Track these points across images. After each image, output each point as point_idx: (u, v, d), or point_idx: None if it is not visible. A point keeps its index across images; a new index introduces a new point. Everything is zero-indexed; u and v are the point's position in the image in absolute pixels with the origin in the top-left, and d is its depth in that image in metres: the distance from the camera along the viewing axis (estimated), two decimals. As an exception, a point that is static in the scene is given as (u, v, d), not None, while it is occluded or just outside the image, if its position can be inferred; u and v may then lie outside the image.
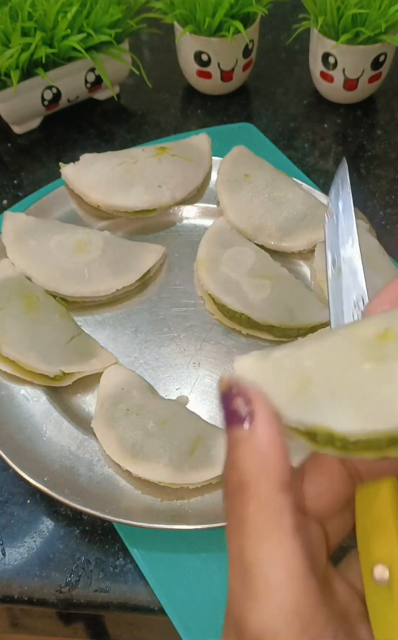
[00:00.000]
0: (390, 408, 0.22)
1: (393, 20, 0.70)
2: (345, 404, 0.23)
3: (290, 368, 0.24)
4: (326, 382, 0.24)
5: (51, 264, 0.60)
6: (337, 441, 0.23)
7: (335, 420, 0.23)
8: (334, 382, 0.23)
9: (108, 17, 0.72)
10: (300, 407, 0.24)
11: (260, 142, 0.75)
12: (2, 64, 0.68)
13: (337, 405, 0.23)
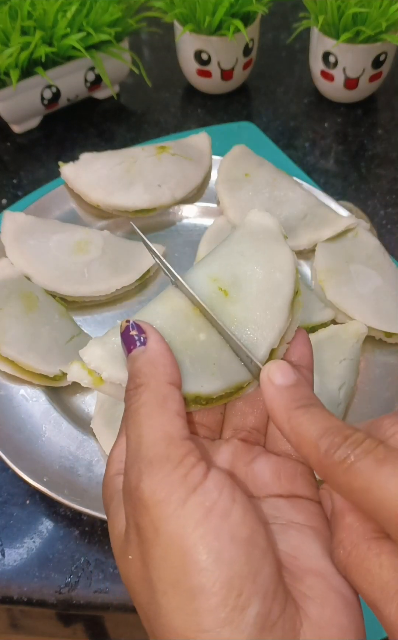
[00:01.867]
0: (231, 367, 0.30)
1: (393, 19, 0.70)
2: (204, 371, 0.30)
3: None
4: (181, 357, 0.30)
5: (50, 264, 0.60)
6: (203, 400, 0.30)
7: (201, 385, 0.30)
8: (184, 355, 0.30)
9: (108, 16, 0.72)
10: None
11: (260, 141, 0.75)
12: (1, 62, 0.68)
13: (198, 373, 0.30)
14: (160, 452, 0.26)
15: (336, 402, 0.52)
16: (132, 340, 0.29)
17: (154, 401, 0.27)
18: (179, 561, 0.24)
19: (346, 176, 0.75)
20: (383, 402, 0.53)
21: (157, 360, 0.28)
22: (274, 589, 0.24)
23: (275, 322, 0.31)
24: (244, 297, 0.31)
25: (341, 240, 0.62)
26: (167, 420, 0.27)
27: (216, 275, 0.32)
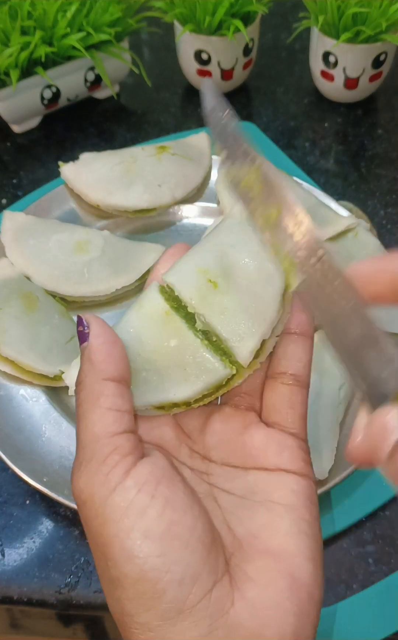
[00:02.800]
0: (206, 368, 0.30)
1: (393, 19, 0.70)
2: (174, 379, 0.30)
3: None
4: (150, 366, 0.30)
5: (50, 264, 0.60)
6: (182, 405, 0.30)
7: (173, 394, 0.30)
8: (155, 365, 0.30)
9: (108, 16, 0.72)
10: (140, 393, 0.30)
11: (260, 141, 0.75)
12: (1, 62, 0.68)
13: (168, 382, 0.30)
14: (88, 452, 0.27)
15: (336, 402, 0.52)
16: (82, 336, 0.29)
17: (88, 399, 0.28)
18: (101, 555, 0.26)
19: (346, 176, 0.75)
20: (383, 402, 0.53)
21: (93, 357, 0.29)
22: (193, 575, 0.26)
23: (266, 312, 0.30)
24: (235, 288, 0.31)
25: (341, 240, 0.62)
26: (96, 418, 0.28)
27: (205, 267, 0.31)
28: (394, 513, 0.52)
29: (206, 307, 0.30)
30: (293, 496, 0.29)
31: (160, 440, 0.31)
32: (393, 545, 0.51)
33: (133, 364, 0.30)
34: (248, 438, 0.31)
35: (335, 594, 0.49)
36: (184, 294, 0.31)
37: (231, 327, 0.30)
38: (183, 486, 0.28)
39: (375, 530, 0.51)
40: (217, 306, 0.30)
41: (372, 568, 0.50)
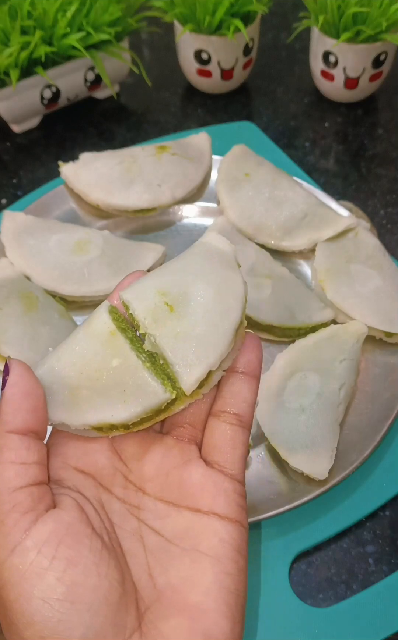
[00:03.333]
0: (145, 391, 0.29)
1: (393, 19, 0.70)
2: (114, 400, 0.29)
3: (57, 382, 0.30)
4: (91, 385, 0.29)
5: (50, 264, 0.59)
6: (119, 427, 0.29)
7: (111, 415, 0.29)
8: (96, 384, 0.29)
9: (108, 16, 0.72)
10: (79, 412, 0.29)
11: (261, 141, 0.75)
12: (1, 62, 0.68)
13: (108, 402, 0.29)
14: None
15: (337, 402, 0.52)
16: (3, 382, 0.28)
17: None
18: (4, 619, 0.26)
19: (346, 176, 0.75)
20: (383, 402, 0.53)
21: (4, 409, 0.28)
22: (98, 636, 0.25)
23: (218, 344, 0.30)
24: (190, 314, 0.30)
25: (341, 240, 0.62)
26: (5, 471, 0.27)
27: (165, 290, 0.31)
28: (394, 513, 0.52)
29: (159, 328, 0.29)
30: (221, 547, 0.29)
31: (94, 467, 0.30)
32: (393, 546, 0.51)
33: (76, 381, 0.30)
34: (186, 474, 0.31)
35: (335, 594, 0.49)
36: (138, 313, 0.30)
37: (180, 352, 0.29)
38: (89, 542, 0.27)
39: (375, 530, 0.51)
40: (170, 329, 0.29)
41: (372, 568, 0.50)
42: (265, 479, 0.51)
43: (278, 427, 0.52)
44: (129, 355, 0.29)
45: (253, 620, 0.47)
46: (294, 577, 0.49)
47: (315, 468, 0.49)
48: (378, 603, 0.47)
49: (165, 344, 0.29)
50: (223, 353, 0.30)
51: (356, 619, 0.47)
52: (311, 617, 0.47)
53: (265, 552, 0.49)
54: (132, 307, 0.30)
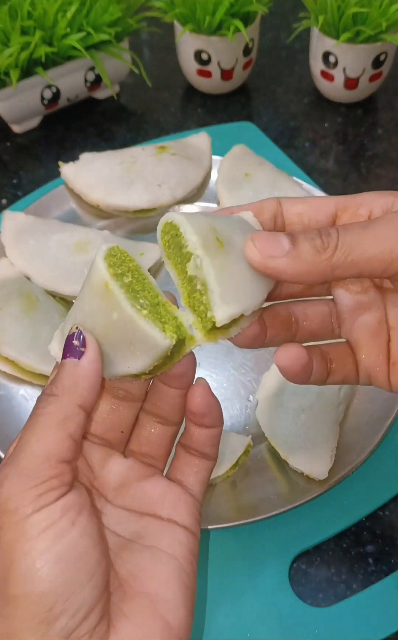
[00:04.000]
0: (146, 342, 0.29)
1: (393, 19, 0.70)
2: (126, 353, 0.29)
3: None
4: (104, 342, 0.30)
5: (50, 264, 0.60)
6: (141, 375, 0.30)
7: (128, 367, 0.30)
8: (107, 340, 0.30)
9: (108, 16, 0.72)
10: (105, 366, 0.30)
11: (260, 141, 0.75)
12: (1, 62, 0.68)
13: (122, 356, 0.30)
14: (32, 466, 0.27)
15: (336, 402, 0.52)
16: (71, 349, 0.29)
17: (57, 416, 0.28)
18: (4, 569, 0.26)
19: (346, 176, 0.75)
20: (383, 402, 0.53)
21: (79, 381, 0.29)
22: (89, 608, 0.26)
23: (257, 295, 0.30)
24: (237, 258, 0.30)
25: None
26: (57, 439, 0.28)
27: (216, 227, 0.30)
28: (394, 513, 0.52)
29: (208, 255, 0.29)
30: (179, 547, 0.31)
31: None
32: (393, 545, 0.51)
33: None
34: (148, 486, 0.32)
35: (335, 594, 0.49)
36: (189, 235, 0.29)
37: (224, 284, 0.29)
38: (98, 522, 0.29)
39: (375, 530, 0.51)
40: (218, 261, 0.29)
41: (372, 568, 0.50)
42: (265, 479, 0.51)
43: (278, 427, 0.52)
44: (125, 307, 0.28)
45: (252, 620, 0.47)
46: (294, 576, 0.49)
47: (314, 468, 0.49)
48: (378, 603, 0.47)
49: (211, 271, 0.29)
50: (257, 305, 0.30)
51: (356, 619, 0.47)
52: (311, 617, 0.47)
53: (264, 552, 0.49)
54: (184, 228, 0.29)
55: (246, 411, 0.55)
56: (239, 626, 0.47)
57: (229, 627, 0.47)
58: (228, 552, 0.49)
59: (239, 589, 0.48)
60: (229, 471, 0.50)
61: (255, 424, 0.54)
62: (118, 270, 0.29)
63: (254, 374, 0.57)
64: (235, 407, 0.56)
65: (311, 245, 0.28)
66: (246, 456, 0.51)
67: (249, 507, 0.49)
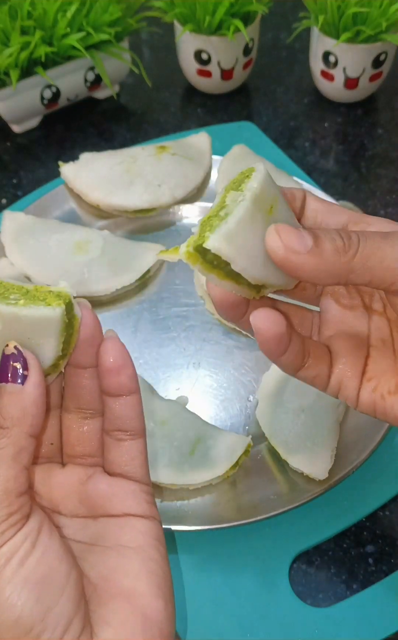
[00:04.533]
0: (42, 322, 0.28)
1: (393, 19, 0.70)
2: (34, 350, 0.28)
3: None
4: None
5: (50, 264, 0.60)
6: (59, 362, 0.30)
7: (45, 361, 0.29)
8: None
9: (108, 16, 0.72)
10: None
11: (260, 141, 0.75)
12: (1, 62, 0.68)
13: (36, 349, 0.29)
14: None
15: (337, 402, 0.52)
16: (12, 372, 0.28)
17: (10, 451, 0.28)
18: None
19: (346, 176, 0.75)
20: (383, 402, 0.53)
21: (27, 409, 0.28)
22: (68, 620, 0.27)
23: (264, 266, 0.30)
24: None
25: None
26: (12, 475, 0.28)
27: (279, 202, 0.31)
28: (394, 513, 0.52)
29: (253, 203, 0.30)
30: (141, 537, 0.30)
31: None
32: (393, 545, 0.51)
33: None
34: (91, 487, 0.32)
35: (335, 594, 0.49)
36: (255, 180, 0.31)
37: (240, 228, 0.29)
38: (58, 536, 0.29)
39: (375, 530, 0.51)
40: (256, 214, 0.30)
41: (372, 568, 0.50)
42: (265, 479, 0.51)
43: (277, 427, 0.52)
44: (1, 309, 0.28)
45: (252, 620, 0.47)
46: (294, 577, 0.49)
47: (314, 468, 0.49)
48: (378, 603, 0.47)
49: (242, 212, 0.29)
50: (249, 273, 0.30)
51: (356, 619, 0.47)
52: (311, 617, 0.47)
53: (264, 552, 0.49)
54: (257, 176, 0.31)
55: (246, 411, 0.55)
56: (239, 626, 0.47)
57: (229, 627, 0.47)
58: (228, 552, 0.49)
59: (239, 588, 0.48)
60: (229, 471, 0.50)
61: (254, 424, 0.54)
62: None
63: (254, 374, 0.57)
64: (235, 407, 0.56)
65: (333, 246, 0.29)
66: (246, 456, 0.51)
67: (249, 507, 0.49)
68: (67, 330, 0.29)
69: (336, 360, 0.33)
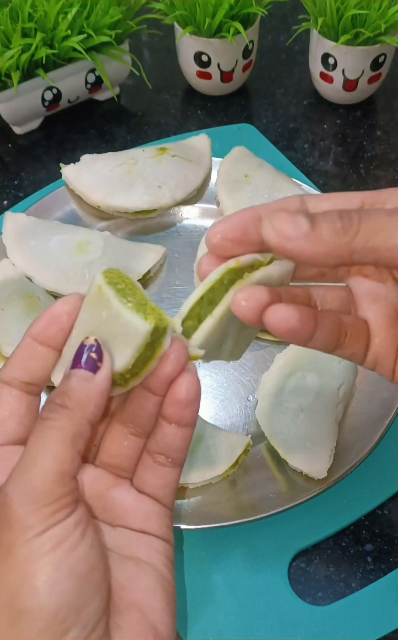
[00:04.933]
0: (127, 331, 0.29)
1: (392, 21, 0.70)
2: (113, 349, 0.29)
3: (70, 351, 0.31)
4: (102, 338, 0.30)
5: (51, 265, 0.60)
6: (126, 374, 0.30)
7: (115, 365, 0.29)
8: (104, 336, 0.30)
9: (108, 18, 0.72)
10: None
11: (260, 143, 0.75)
12: (2, 64, 0.68)
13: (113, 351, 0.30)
14: (46, 484, 0.27)
15: (335, 402, 0.53)
16: (87, 361, 0.29)
17: (70, 432, 0.28)
18: (17, 583, 0.26)
19: (345, 178, 0.75)
20: (382, 402, 0.54)
21: (93, 397, 0.28)
22: (97, 620, 0.27)
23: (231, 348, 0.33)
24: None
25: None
26: (68, 457, 0.28)
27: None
28: (393, 512, 0.52)
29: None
30: (156, 556, 0.31)
31: None
32: (391, 544, 0.51)
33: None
34: (118, 497, 0.32)
35: (334, 592, 0.49)
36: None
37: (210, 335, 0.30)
38: (100, 534, 0.29)
39: (374, 529, 0.51)
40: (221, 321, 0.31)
41: (371, 567, 0.50)
42: (264, 478, 0.51)
43: (277, 427, 0.52)
44: (112, 302, 0.29)
45: (252, 619, 0.47)
46: (293, 575, 0.50)
47: (313, 467, 0.50)
48: (377, 601, 0.48)
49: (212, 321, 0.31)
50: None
51: (355, 617, 0.47)
52: (310, 616, 0.47)
53: (263, 551, 0.50)
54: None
55: (246, 411, 0.56)
56: (238, 625, 0.47)
57: (228, 625, 0.47)
58: (227, 551, 0.50)
59: (238, 587, 0.48)
60: (228, 470, 0.51)
61: (254, 424, 0.54)
62: (113, 280, 0.30)
63: (254, 374, 0.57)
64: (235, 407, 0.56)
65: (331, 227, 0.28)
66: (245, 455, 0.52)
67: (248, 505, 0.49)
68: (146, 351, 0.29)
69: (373, 335, 0.32)
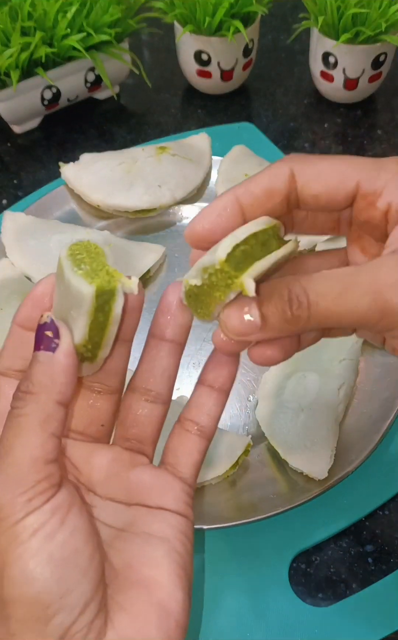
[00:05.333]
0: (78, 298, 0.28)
1: (393, 20, 0.70)
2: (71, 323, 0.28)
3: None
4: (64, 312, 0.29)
5: (51, 264, 0.60)
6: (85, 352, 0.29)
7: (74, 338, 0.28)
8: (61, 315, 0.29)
9: (108, 17, 0.72)
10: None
11: (260, 142, 0.75)
12: (2, 63, 0.68)
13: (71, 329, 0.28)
14: (20, 472, 0.27)
15: (336, 402, 0.53)
16: (44, 340, 0.28)
17: (37, 417, 0.27)
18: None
19: (346, 177, 0.75)
20: (382, 402, 0.54)
21: (56, 376, 0.28)
22: (85, 603, 0.27)
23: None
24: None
25: (340, 240, 0.62)
26: (41, 441, 0.27)
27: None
28: (393, 512, 0.52)
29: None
30: (169, 529, 0.30)
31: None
32: (392, 545, 0.51)
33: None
34: (134, 476, 0.32)
35: (335, 593, 0.49)
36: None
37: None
38: (88, 517, 0.29)
39: (375, 529, 0.51)
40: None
41: (371, 567, 0.50)
42: (264, 479, 0.51)
43: (277, 427, 0.52)
44: (66, 273, 0.27)
45: (252, 620, 0.47)
46: (293, 576, 0.49)
47: (314, 468, 0.49)
48: (378, 602, 0.47)
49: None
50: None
51: (355, 618, 0.47)
52: (310, 617, 0.47)
53: (264, 552, 0.49)
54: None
55: (246, 411, 0.56)
56: (238, 626, 0.47)
57: (228, 626, 0.47)
58: (227, 552, 0.50)
59: (238, 588, 0.48)
60: (229, 471, 0.51)
61: (254, 424, 0.54)
62: (76, 252, 0.30)
63: (254, 374, 0.57)
64: (235, 407, 0.56)
65: (281, 317, 0.28)
66: (245, 456, 0.52)
67: (248, 506, 0.49)
68: (98, 316, 0.28)
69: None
